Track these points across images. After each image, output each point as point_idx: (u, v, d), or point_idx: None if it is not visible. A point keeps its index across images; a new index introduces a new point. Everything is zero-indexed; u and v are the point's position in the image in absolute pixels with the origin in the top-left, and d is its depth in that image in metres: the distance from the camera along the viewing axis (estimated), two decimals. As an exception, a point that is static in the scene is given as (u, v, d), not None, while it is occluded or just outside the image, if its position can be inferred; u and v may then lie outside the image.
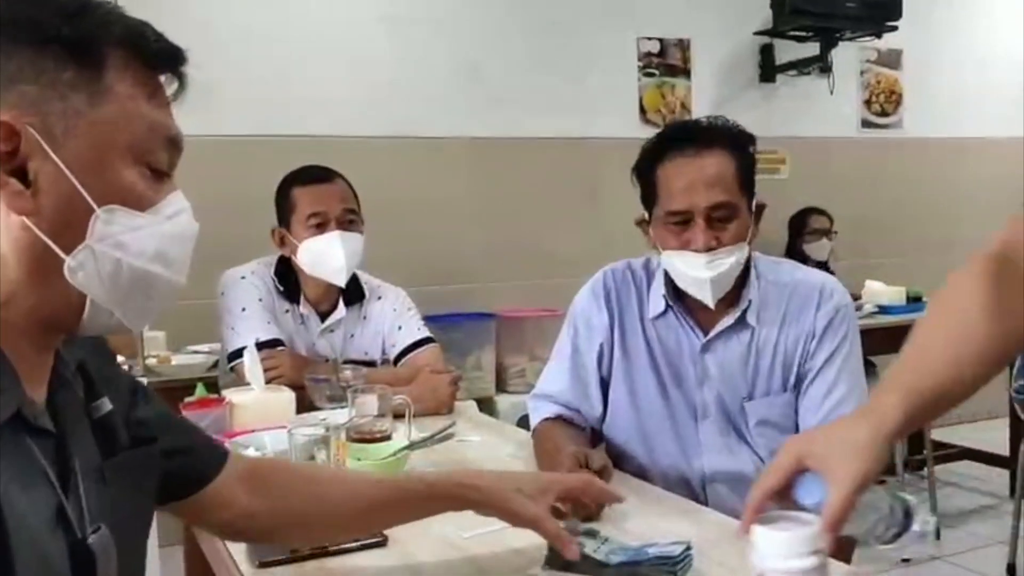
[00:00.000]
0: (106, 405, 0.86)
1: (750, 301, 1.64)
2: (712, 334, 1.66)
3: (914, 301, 3.76)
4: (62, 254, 0.73)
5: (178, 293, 0.83)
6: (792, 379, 1.64)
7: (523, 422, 1.95)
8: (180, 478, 0.99)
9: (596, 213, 3.98)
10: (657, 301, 1.70)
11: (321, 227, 2.10)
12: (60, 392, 0.80)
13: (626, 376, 1.72)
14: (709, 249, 1.56)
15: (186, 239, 0.82)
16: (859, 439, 0.89)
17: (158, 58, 0.78)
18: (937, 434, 3.83)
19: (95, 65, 0.74)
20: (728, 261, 1.57)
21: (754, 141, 1.64)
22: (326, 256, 2.10)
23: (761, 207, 1.65)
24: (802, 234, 4.16)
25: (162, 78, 0.80)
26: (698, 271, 1.58)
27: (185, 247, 0.82)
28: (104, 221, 0.74)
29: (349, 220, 2.14)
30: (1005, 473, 3.88)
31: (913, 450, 3.91)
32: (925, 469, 3.63)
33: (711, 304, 1.62)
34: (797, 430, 1.64)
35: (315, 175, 2.17)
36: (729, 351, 1.66)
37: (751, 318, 1.64)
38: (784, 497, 0.93)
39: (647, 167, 1.62)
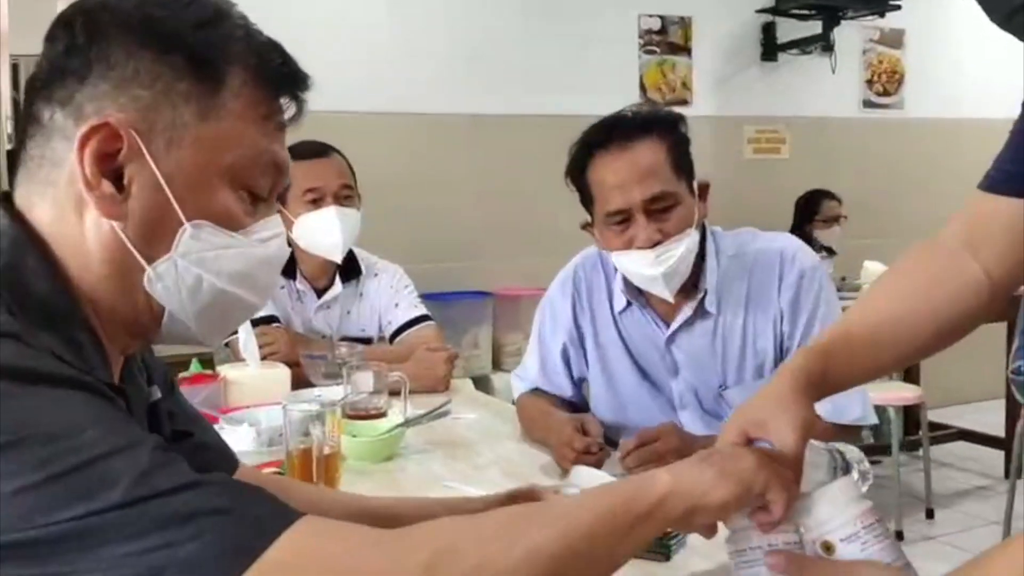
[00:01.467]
0: (156, 393, 0.86)
1: (706, 290, 1.60)
2: (674, 327, 1.63)
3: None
4: (144, 264, 0.72)
5: (254, 314, 0.81)
6: (769, 364, 1.59)
7: (519, 400, 1.96)
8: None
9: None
10: (620, 296, 1.68)
11: (317, 203, 2.09)
12: (130, 383, 0.80)
13: (603, 368, 1.72)
14: (655, 244, 1.51)
15: (275, 264, 0.81)
16: (784, 394, 0.89)
17: (281, 81, 0.77)
18: (933, 415, 3.84)
19: (214, 79, 0.73)
20: (677, 252, 1.52)
21: (684, 121, 1.59)
22: (322, 232, 2.09)
23: (705, 186, 1.59)
24: (813, 220, 4.11)
25: (281, 101, 0.78)
26: (647, 268, 1.53)
27: (273, 272, 0.82)
28: (192, 236, 0.73)
29: (346, 196, 2.13)
30: (1000, 454, 3.90)
31: (909, 431, 3.92)
32: (921, 450, 3.64)
33: (669, 299, 1.58)
34: None
35: (312, 150, 2.15)
36: (694, 341, 1.63)
37: (710, 306, 1.60)
38: None
39: (578, 172, 1.58)
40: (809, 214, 4.11)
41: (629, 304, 1.67)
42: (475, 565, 0.63)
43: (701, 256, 1.60)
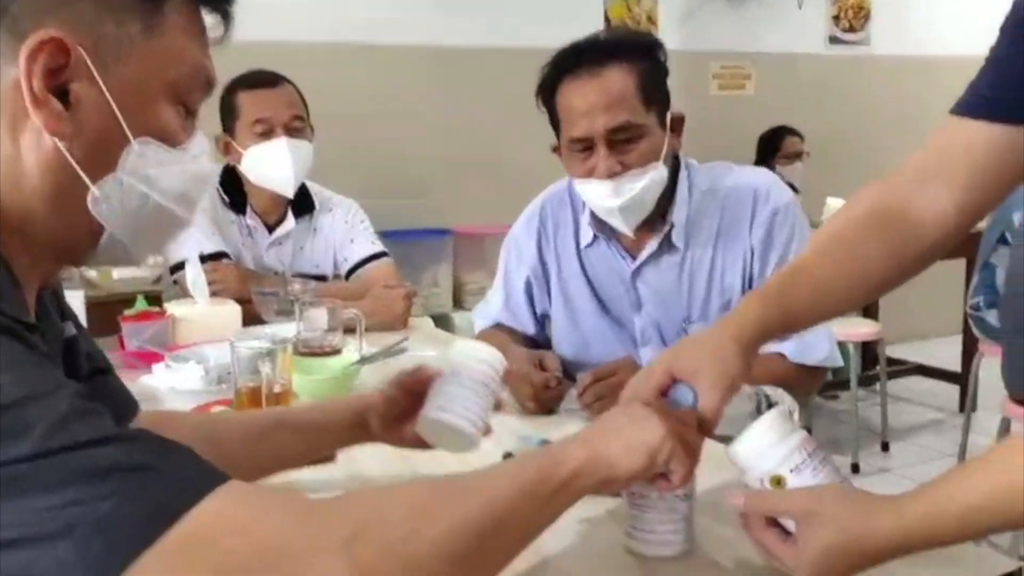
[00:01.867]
0: (71, 329, 0.84)
1: (673, 223, 1.55)
2: (639, 260, 1.59)
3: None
4: (89, 182, 0.71)
5: (185, 231, 0.82)
6: (735, 300, 1.54)
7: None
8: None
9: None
10: (587, 230, 1.64)
11: (267, 134, 2.00)
12: (45, 319, 0.77)
13: (566, 304, 1.69)
14: (613, 175, 1.46)
15: (205, 181, 0.81)
16: (723, 345, 0.92)
17: None
18: (891, 350, 3.88)
19: None
20: (636, 186, 1.47)
21: (660, 47, 1.53)
22: (272, 164, 2.00)
23: (679, 119, 1.53)
24: (775, 156, 4.09)
25: (212, 17, 0.77)
26: (605, 200, 1.49)
27: (202, 189, 0.80)
28: (138, 154, 0.72)
29: (297, 127, 2.04)
30: (956, 388, 3.96)
31: (867, 366, 3.96)
32: (878, 384, 3.68)
33: (628, 232, 1.55)
34: None
35: (261, 79, 2.06)
36: (661, 276, 1.59)
37: (677, 240, 1.56)
38: None
39: (547, 94, 1.53)
40: (771, 150, 4.08)
41: (596, 238, 1.63)
42: (399, 538, 0.62)
43: (672, 189, 1.55)
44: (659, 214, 1.55)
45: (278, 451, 1.02)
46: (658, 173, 1.49)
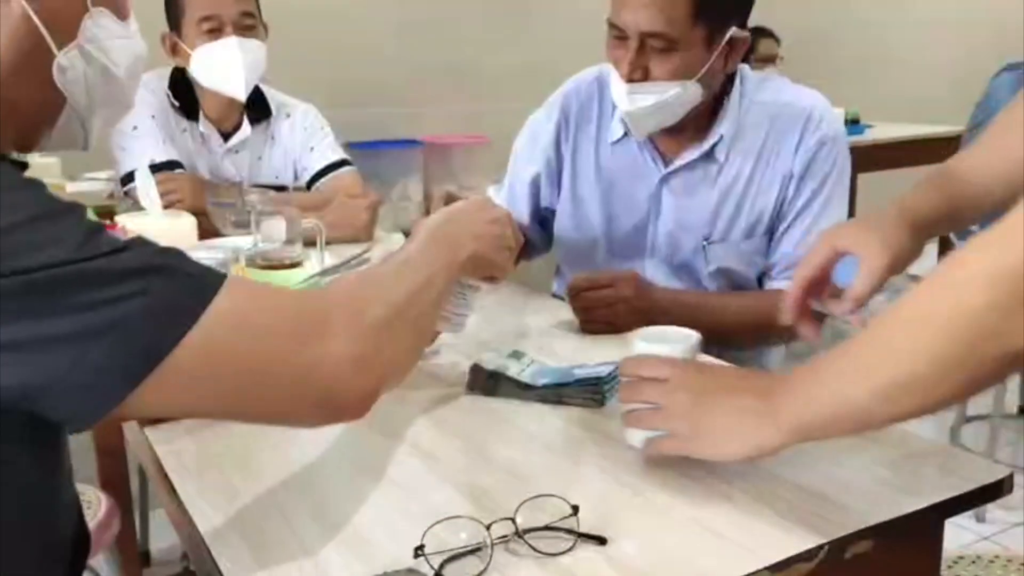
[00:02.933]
0: None
1: (722, 136, 1.46)
2: (673, 167, 1.49)
3: (852, 123, 3.68)
4: (55, 49, 0.73)
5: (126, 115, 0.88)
6: (762, 226, 1.48)
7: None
8: None
9: (527, 31, 3.74)
10: (617, 125, 1.53)
11: (215, 32, 1.87)
12: None
13: (574, 201, 1.59)
14: (632, 80, 1.37)
15: (143, 60, 0.84)
16: (888, 226, 0.97)
17: None
18: None
19: None
20: (649, 99, 1.37)
21: None
22: (222, 65, 1.88)
23: (738, 40, 1.40)
24: (748, 59, 3.98)
25: None
26: (619, 99, 1.41)
27: (141, 69, 0.84)
28: (94, 23, 0.75)
29: (247, 25, 1.91)
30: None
31: None
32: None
33: (638, 137, 1.47)
34: (759, 283, 1.52)
35: (208, -29, 1.91)
36: (692, 186, 1.49)
37: (720, 153, 1.46)
38: (821, 290, 1.01)
39: None
40: (746, 52, 3.98)
41: (626, 135, 1.52)
42: (371, 309, 0.75)
43: (721, 101, 1.46)
44: (701, 125, 1.46)
45: None
46: (685, 91, 1.37)
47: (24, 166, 0.71)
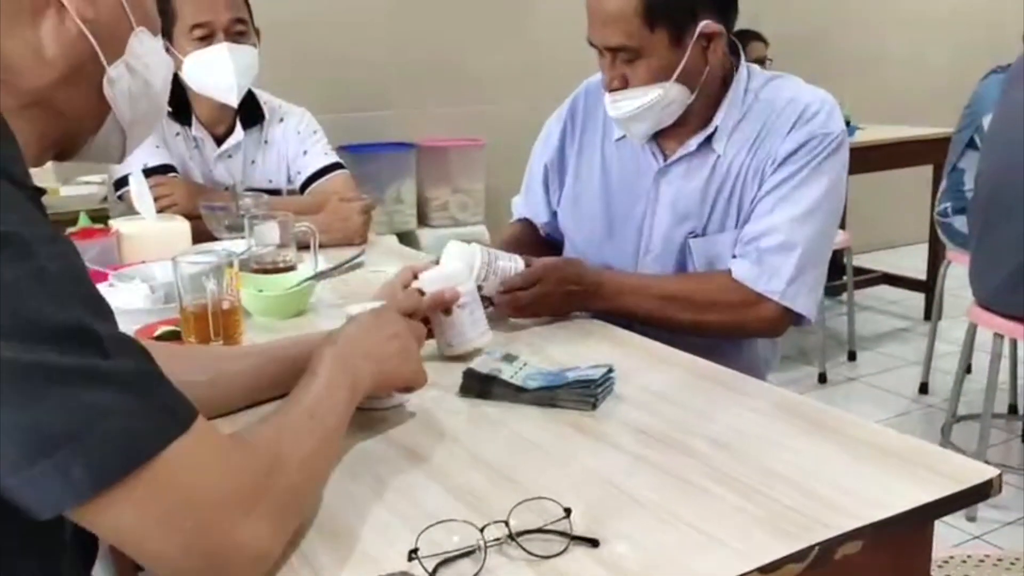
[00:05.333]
0: None
1: (717, 127, 1.47)
2: (672, 159, 1.51)
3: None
4: (106, 64, 0.79)
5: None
6: (744, 214, 1.47)
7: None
8: None
9: (520, 31, 3.75)
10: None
11: (207, 39, 1.87)
12: None
13: (575, 199, 1.64)
14: (612, 89, 1.44)
15: (171, 73, 0.89)
16: None
17: None
18: (857, 260, 3.87)
19: None
20: (630, 104, 1.43)
21: None
22: (214, 72, 1.88)
23: (712, 35, 1.41)
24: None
25: None
26: (607, 107, 1.47)
27: (170, 81, 0.89)
28: (138, 40, 0.81)
29: (239, 31, 1.91)
30: (922, 297, 3.99)
31: (833, 276, 3.96)
32: (845, 294, 3.69)
33: (635, 140, 1.51)
34: None
35: (200, -22, 1.92)
36: (688, 176, 1.50)
37: (717, 144, 1.48)
38: None
39: None
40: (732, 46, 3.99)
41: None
42: (287, 475, 0.75)
43: (722, 94, 1.48)
44: (701, 118, 1.48)
45: (273, 385, 1.04)
46: (666, 93, 1.41)
47: (42, 192, 0.72)
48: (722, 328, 1.45)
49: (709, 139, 1.48)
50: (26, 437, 0.59)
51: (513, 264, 1.39)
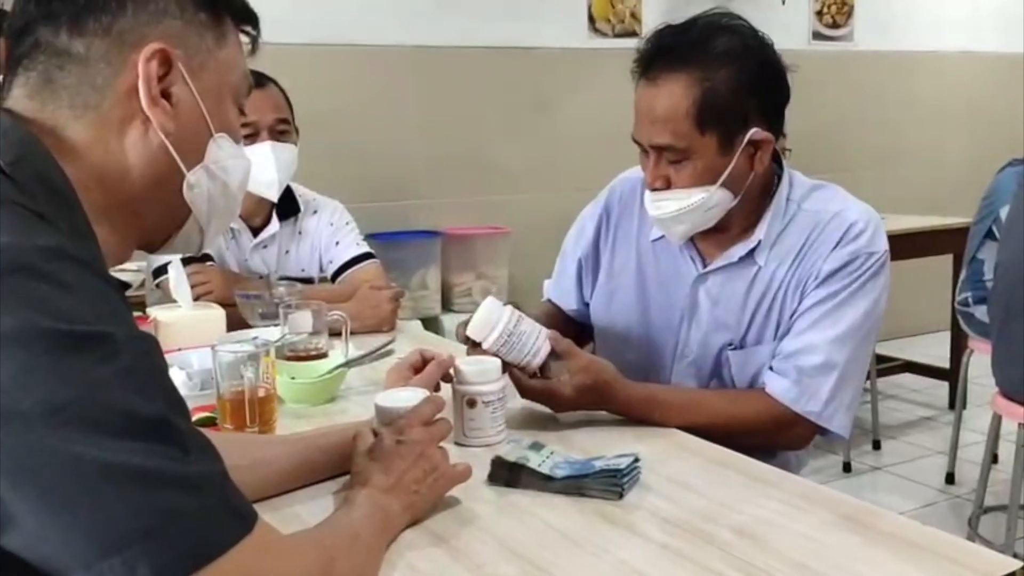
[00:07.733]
0: None
1: (760, 240, 1.44)
2: (712, 266, 1.49)
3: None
4: (186, 171, 0.83)
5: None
6: (782, 328, 1.44)
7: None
8: None
9: (544, 125, 3.87)
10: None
11: (251, 137, 1.96)
12: None
13: (609, 295, 1.61)
14: (654, 189, 1.42)
15: (249, 174, 0.93)
16: None
17: (249, 16, 0.90)
18: (880, 348, 3.87)
19: (219, 12, 0.85)
20: (672, 205, 1.40)
21: (751, 54, 1.39)
22: (257, 168, 1.95)
23: (760, 142, 1.39)
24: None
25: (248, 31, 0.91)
26: (647, 205, 1.45)
27: (248, 181, 0.94)
28: (217, 146, 0.85)
29: (282, 131, 2.00)
30: (945, 385, 3.96)
31: (857, 364, 3.95)
32: (868, 382, 3.67)
33: (672, 241, 1.49)
34: None
35: (245, 80, 2.02)
36: (728, 286, 1.47)
37: (759, 257, 1.45)
38: None
39: (636, 79, 1.44)
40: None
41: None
42: None
43: (765, 203, 1.46)
44: (745, 227, 1.46)
45: (306, 472, 1.13)
46: (710, 197, 1.38)
47: (126, 286, 0.78)
48: (755, 446, 1.40)
49: (752, 252, 1.46)
50: (102, 534, 0.60)
51: (535, 331, 1.35)
